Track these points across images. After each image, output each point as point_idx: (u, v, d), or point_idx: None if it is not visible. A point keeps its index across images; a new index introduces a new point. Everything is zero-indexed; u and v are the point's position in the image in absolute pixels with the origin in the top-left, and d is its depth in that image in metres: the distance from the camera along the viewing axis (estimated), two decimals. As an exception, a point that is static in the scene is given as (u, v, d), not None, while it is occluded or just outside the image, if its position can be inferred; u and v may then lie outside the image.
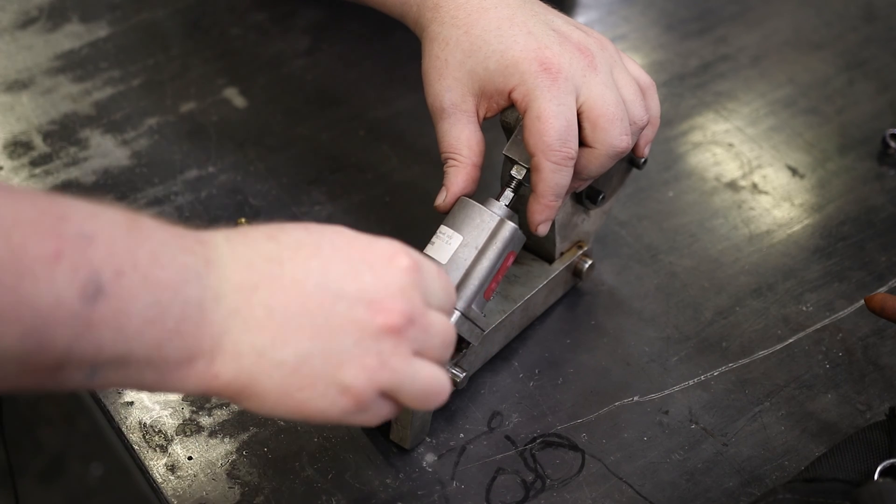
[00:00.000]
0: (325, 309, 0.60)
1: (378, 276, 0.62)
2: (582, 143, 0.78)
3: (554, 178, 0.77)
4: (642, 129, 0.81)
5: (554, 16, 0.81)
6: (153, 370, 0.58)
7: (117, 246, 0.55)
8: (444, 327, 0.65)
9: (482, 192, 0.81)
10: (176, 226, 0.60)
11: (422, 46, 0.81)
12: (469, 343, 0.79)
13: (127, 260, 0.55)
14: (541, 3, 0.81)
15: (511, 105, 0.79)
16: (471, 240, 0.77)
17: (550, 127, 0.76)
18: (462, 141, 0.80)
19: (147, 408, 0.84)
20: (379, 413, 0.63)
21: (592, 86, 0.77)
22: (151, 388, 0.59)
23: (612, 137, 0.77)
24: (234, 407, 0.84)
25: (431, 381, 0.64)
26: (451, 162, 0.81)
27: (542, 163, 0.77)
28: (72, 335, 0.54)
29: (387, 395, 0.63)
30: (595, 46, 0.79)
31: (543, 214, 0.80)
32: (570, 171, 0.78)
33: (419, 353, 0.63)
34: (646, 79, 0.82)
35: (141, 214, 0.58)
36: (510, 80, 0.77)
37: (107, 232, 0.55)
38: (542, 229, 0.80)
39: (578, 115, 0.77)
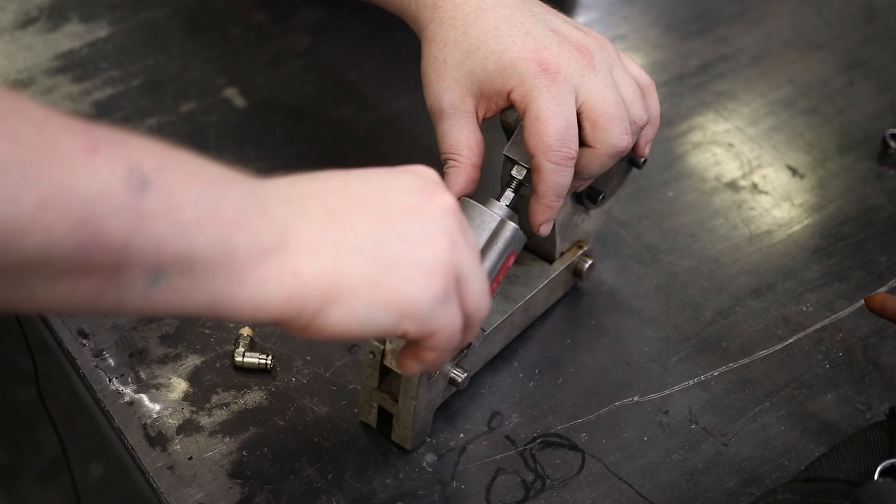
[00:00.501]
0: (381, 201, 0.61)
1: (414, 173, 0.65)
2: (582, 142, 0.78)
3: (554, 178, 0.77)
4: (642, 128, 0.81)
5: (553, 16, 0.81)
6: (222, 274, 0.56)
7: (152, 148, 0.55)
8: (473, 236, 0.67)
9: (482, 192, 0.81)
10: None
11: (421, 46, 0.82)
12: (470, 343, 0.79)
13: (166, 158, 0.55)
14: (539, 2, 0.81)
15: (511, 105, 0.79)
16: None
17: (550, 127, 0.76)
18: (461, 141, 0.80)
19: (147, 408, 0.84)
20: (453, 315, 0.63)
21: (592, 85, 0.77)
22: (224, 306, 0.56)
23: (613, 137, 0.78)
24: (235, 407, 0.84)
25: (483, 282, 0.66)
26: (450, 163, 0.81)
27: (543, 163, 0.77)
28: (127, 228, 0.52)
29: (459, 284, 0.63)
30: (594, 46, 0.79)
31: (545, 215, 0.80)
32: (571, 171, 0.78)
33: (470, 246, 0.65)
34: (645, 78, 0.82)
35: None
36: (509, 81, 0.77)
37: (137, 138, 0.55)
38: (545, 229, 0.80)
39: (578, 114, 0.77)
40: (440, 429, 0.84)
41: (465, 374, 0.80)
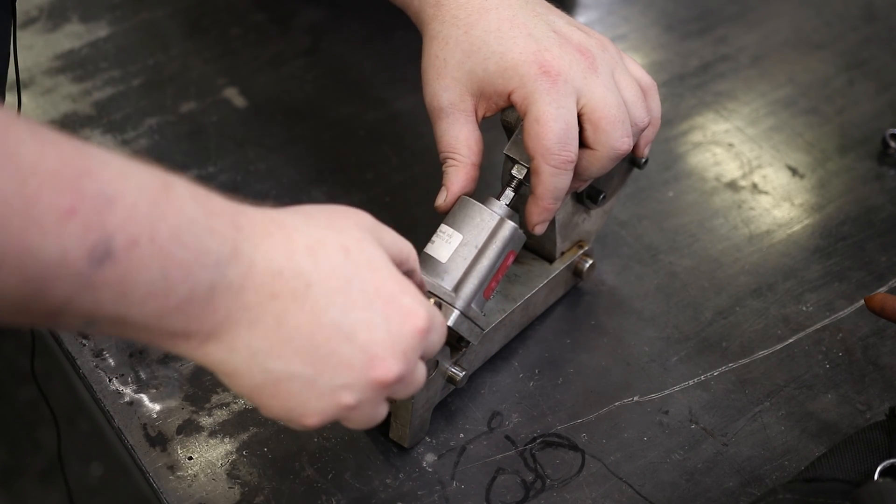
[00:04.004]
0: (331, 345, 0.61)
1: (390, 333, 0.62)
2: (583, 144, 0.78)
3: (553, 181, 0.77)
4: (643, 130, 0.81)
5: (556, 16, 0.80)
6: (147, 334, 0.57)
7: (139, 214, 0.54)
8: (420, 378, 0.66)
9: (482, 191, 0.81)
10: (217, 197, 0.59)
11: (422, 43, 0.81)
12: (469, 342, 0.79)
13: (145, 231, 0.54)
14: (543, 2, 0.81)
15: (511, 105, 0.79)
16: (471, 239, 0.77)
17: (550, 130, 0.76)
18: (461, 140, 0.80)
19: (147, 408, 0.84)
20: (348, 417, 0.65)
21: (593, 88, 0.77)
22: (149, 345, 0.59)
23: (614, 140, 0.78)
24: (235, 407, 0.84)
25: (372, 419, 0.65)
26: (450, 161, 0.81)
27: (542, 166, 0.77)
28: (72, 291, 0.53)
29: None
30: (596, 48, 0.79)
31: (541, 216, 0.80)
32: (570, 175, 0.78)
33: (388, 397, 0.65)
34: (647, 79, 0.82)
35: (180, 180, 0.57)
36: (509, 83, 0.77)
37: (131, 197, 0.54)
38: (539, 229, 0.81)
39: (580, 116, 0.77)
40: (440, 429, 0.84)
41: (464, 373, 0.80)
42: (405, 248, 0.67)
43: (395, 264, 0.65)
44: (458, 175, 0.80)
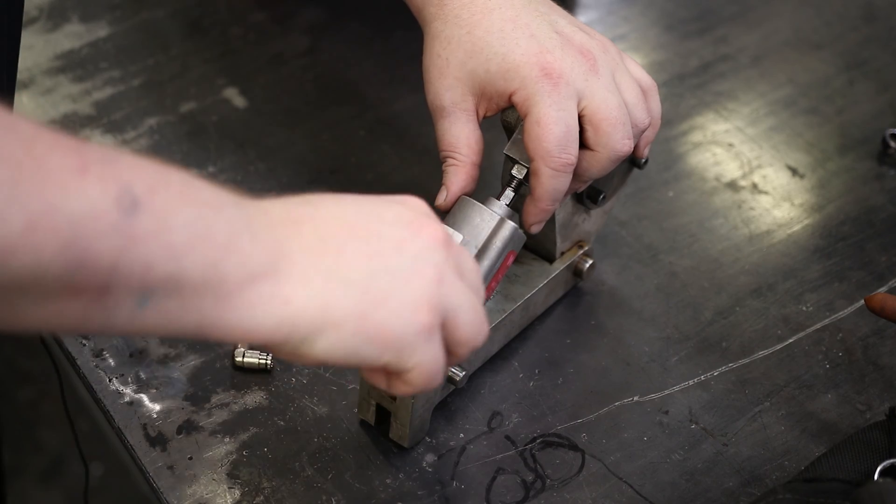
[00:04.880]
0: (373, 232, 0.61)
1: (405, 204, 0.64)
2: (583, 145, 0.78)
3: (552, 183, 0.77)
4: (644, 131, 0.81)
5: (558, 16, 0.80)
6: (212, 297, 0.55)
7: (144, 168, 0.53)
8: (473, 262, 0.66)
9: (482, 191, 0.81)
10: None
11: (424, 41, 0.81)
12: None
13: (158, 179, 0.53)
14: (546, 1, 0.81)
15: (512, 105, 0.79)
16: (471, 238, 0.77)
17: (550, 133, 0.76)
18: (461, 139, 0.80)
19: (147, 408, 0.84)
20: (433, 354, 0.62)
21: (595, 90, 0.77)
22: (212, 329, 0.56)
23: (615, 141, 0.78)
24: (235, 407, 0.84)
25: (477, 313, 0.64)
26: (450, 161, 0.81)
27: (541, 168, 0.77)
28: (116, 248, 0.51)
29: (446, 322, 0.62)
30: (597, 49, 0.79)
31: (538, 217, 0.80)
32: (569, 177, 0.78)
33: (462, 278, 0.64)
34: (647, 80, 0.82)
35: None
36: (511, 84, 0.77)
37: (129, 158, 0.54)
38: (535, 229, 0.81)
39: (581, 118, 0.77)
40: (440, 429, 0.84)
41: (464, 373, 0.81)
42: None
43: None
44: (459, 174, 0.80)
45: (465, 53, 0.79)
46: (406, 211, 0.64)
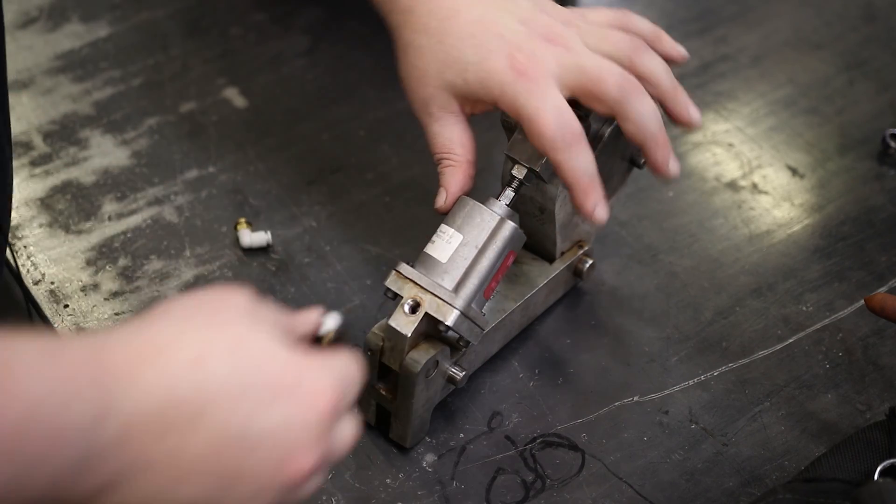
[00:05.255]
0: (238, 460, 0.55)
1: (299, 425, 0.56)
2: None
3: (574, 163, 0.76)
4: (644, 66, 0.79)
5: (520, 1, 0.80)
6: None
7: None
8: (348, 434, 0.60)
9: (482, 191, 0.81)
10: (73, 345, 0.52)
11: (396, 49, 0.81)
12: (468, 342, 0.79)
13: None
14: None
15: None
16: (471, 239, 0.77)
17: (545, 124, 0.75)
18: (454, 140, 0.80)
19: (147, 407, 0.84)
20: None
21: (570, 67, 0.77)
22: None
23: (613, 89, 0.76)
24: (234, 407, 0.84)
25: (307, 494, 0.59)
26: (445, 162, 0.81)
27: (555, 157, 0.76)
28: None
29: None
30: (561, 28, 0.79)
31: (590, 198, 0.77)
32: (586, 148, 0.76)
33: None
34: (648, 28, 0.82)
35: (24, 348, 0.50)
36: (492, 91, 0.77)
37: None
38: (599, 213, 0.78)
39: (578, 96, 0.77)
40: (440, 429, 0.84)
41: (464, 373, 0.81)
42: (287, 317, 0.62)
43: (287, 335, 0.60)
44: (456, 175, 0.80)
45: (440, 64, 0.79)
46: (297, 432, 0.56)
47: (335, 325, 0.64)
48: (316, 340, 0.64)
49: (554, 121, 0.76)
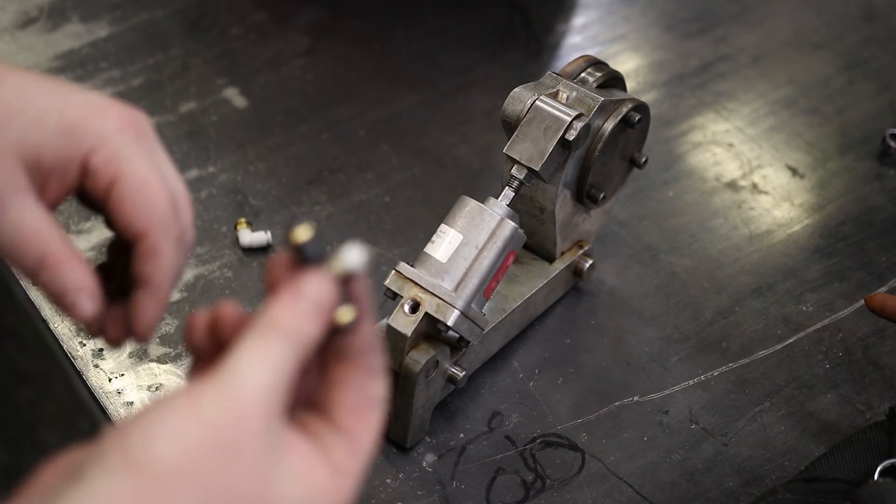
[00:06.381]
0: None
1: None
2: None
3: (175, 260, 0.57)
4: None
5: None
6: None
7: None
8: None
9: (482, 191, 0.81)
10: None
11: None
12: (468, 342, 0.79)
13: None
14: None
15: (511, 102, 0.79)
16: (471, 239, 0.77)
17: (158, 194, 0.56)
18: (45, 229, 0.56)
19: (147, 407, 0.84)
20: None
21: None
22: None
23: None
24: (234, 407, 0.84)
25: None
26: (53, 267, 0.56)
27: (161, 243, 0.56)
28: None
29: None
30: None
31: (159, 313, 0.58)
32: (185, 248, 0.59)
33: None
34: None
35: None
36: (83, 143, 0.56)
37: None
38: (151, 334, 0.59)
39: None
40: (440, 429, 0.84)
41: (464, 373, 0.80)
42: None
43: None
44: (82, 285, 0.56)
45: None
46: None
47: (356, 265, 0.48)
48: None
49: (168, 195, 0.57)
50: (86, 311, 0.56)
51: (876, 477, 0.73)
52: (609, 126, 0.82)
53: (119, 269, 0.60)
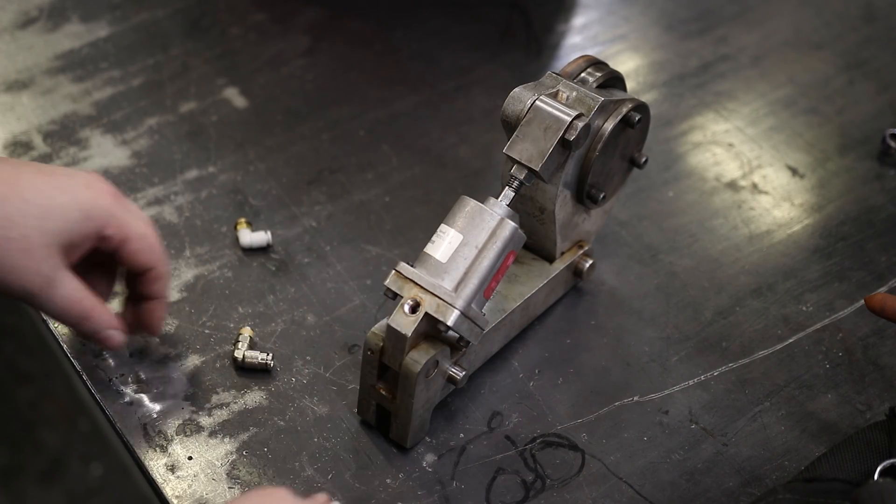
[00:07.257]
0: None
1: None
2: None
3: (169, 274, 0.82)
4: None
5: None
6: None
7: None
8: None
9: (482, 191, 0.81)
10: None
11: None
12: (468, 342, 0.79)
13: None
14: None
15: (511, 102, 0.79)
16: (471, 239, 0.77)
17: (154, 239, 0.79)
18: (88, 299, 0.78)
19: (147, 408, 0.84)
20: None
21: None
22: None
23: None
24: (235, 407, 0.84)
25: None
26: (97, 319, 0.79)
27: (163, 269, 0.80)
28: None
29: None
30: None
31: (166, 313, 0.84)
32: None
33: None
34: None
35: None
36: (98, 223, 0.77)
37: None
38: (162, 328, 0.84)
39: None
40: (440, 429, 0.84)
41: (464, 373, 0.80)
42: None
43: None
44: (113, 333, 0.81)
45: (35, 219, 0.74)
46: None
47: None
48: None
49: (156, 237, 0.80)
50: (116, 341, 0.80)
51: (876, 477, 0.73)
52: (609, 126, 0.82)
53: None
